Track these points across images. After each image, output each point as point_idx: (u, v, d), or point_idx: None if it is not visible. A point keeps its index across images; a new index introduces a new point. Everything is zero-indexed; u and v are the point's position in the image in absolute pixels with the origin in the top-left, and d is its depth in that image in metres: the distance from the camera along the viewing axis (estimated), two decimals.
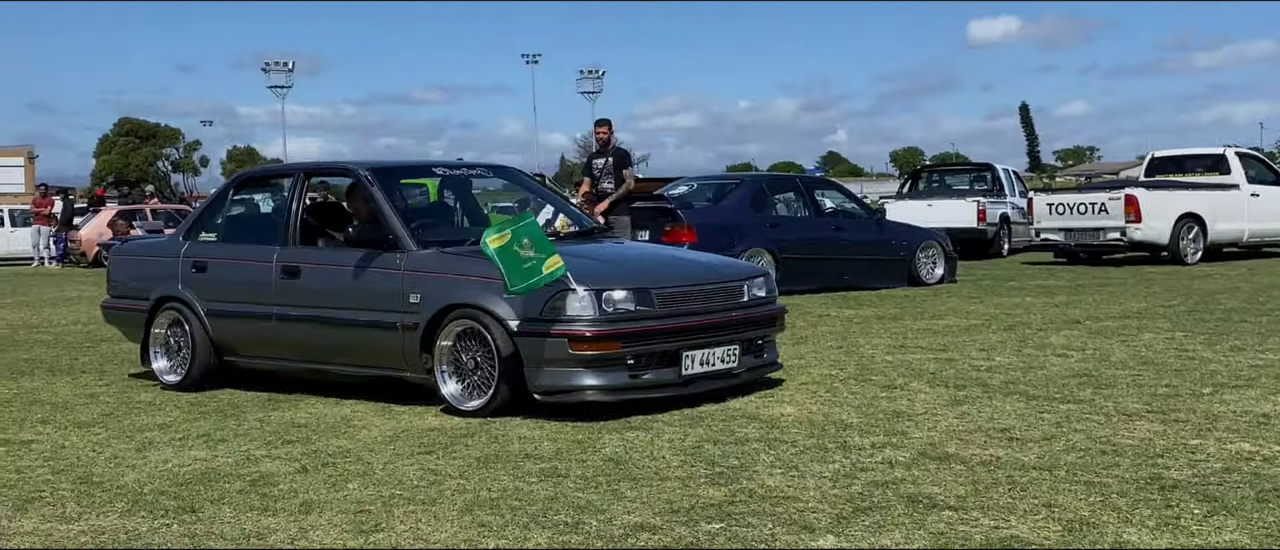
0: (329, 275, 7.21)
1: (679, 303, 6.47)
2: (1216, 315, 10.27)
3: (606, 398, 6.20)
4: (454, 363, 6.55)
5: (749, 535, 4.16)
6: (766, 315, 6.92)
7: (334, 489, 5.02)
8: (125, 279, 8.51)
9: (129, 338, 8.57)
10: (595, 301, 6.20)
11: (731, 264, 7.32)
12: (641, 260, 7.21)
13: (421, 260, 6.79)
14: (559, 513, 4.52)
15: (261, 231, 8.17)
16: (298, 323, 7.28)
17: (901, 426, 5.83)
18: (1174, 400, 6.31)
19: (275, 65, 77.72)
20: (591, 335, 6.14)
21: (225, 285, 7.71)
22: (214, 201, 8.59)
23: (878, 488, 4.71)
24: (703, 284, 6.69)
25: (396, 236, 6.94)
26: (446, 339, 6.53)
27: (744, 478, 4.95)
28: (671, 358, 6.36)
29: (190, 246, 8.04)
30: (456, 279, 6.60)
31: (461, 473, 5.22)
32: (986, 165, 23.00)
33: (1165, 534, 4.01)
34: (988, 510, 4.36)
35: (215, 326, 7.69)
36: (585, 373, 6.19)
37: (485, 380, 6.41)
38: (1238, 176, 18.42)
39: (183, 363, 7.81)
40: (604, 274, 6.45)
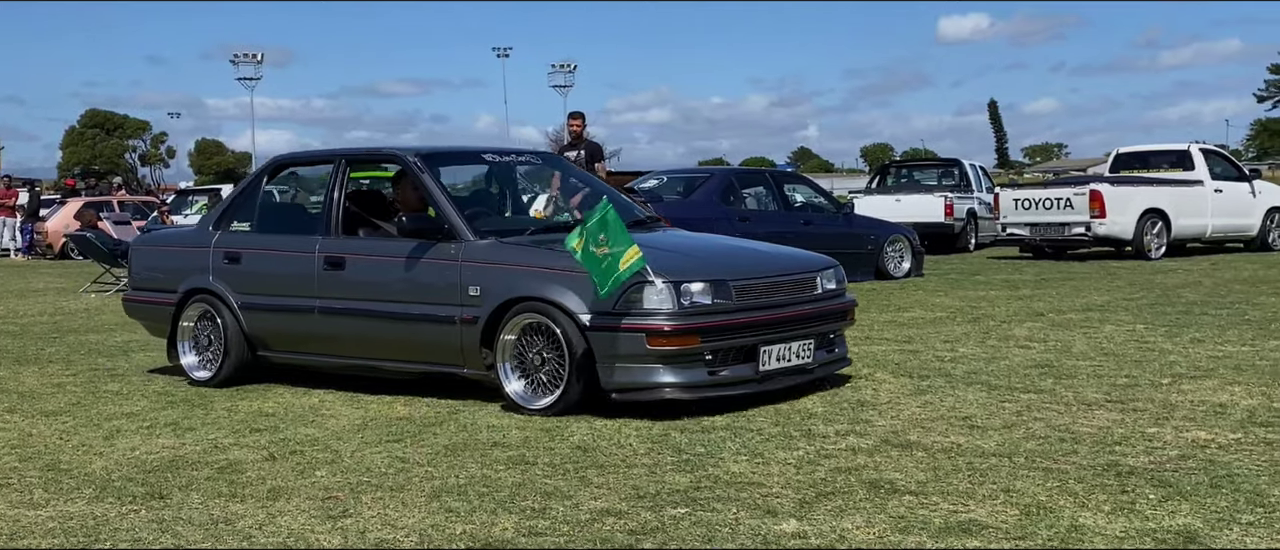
0: (378, 267, 6.88)
1: (756, 295, 6.20)
2: (1177, 308, 10.41)
3: (685, 396, 5.90)
4: (518, 359, 6.27)
5: (713, 520, 4.22)
6: (839, 309, 6.68)
7: (302, 476, 5.05)
8: (149, 271, 8.11)
9: (153, 332, 8.18)
10: (673, 294, 5.90)
11: (803, 255, 7.00)
12: (713, 250, 6.90)
13: (480, 251, 6.47)
14: (526, 499, 4.57)
15: (301, 221, 7.90)
16: (343, 317, 6.95)
17: (866, 415, 5.91)
18: (1133, 390, 6.41)
19: (244, 57, 77.26)
20: (670, 330, 5.83)
21: (262, 277, 7.35)
22: (246, 189, 7.98)
23: (841, 474, 4.78)
24: (778, 276, 6.43)
25: (452, 226, 6.61)
26: (510, 334, 6.24)
27: (710, 464, 5.01)
28: (749, 353, 6.09)
29: (222, 236, 7.65)
30: (520, 270, 6.29)
31: (429, 460, 5.26)
32: (954, 161, 23.15)
33: (1120, 518, 4.10)
34: (947, 495, 4.43)
35: (250, 320, 7.35)
36: (663, 369, 5.88)
37: (553, 377, 6.12)
38: (1201, 172, 18.61)
39: (214, 358, 7.48)
40: (680, 265, 6.13)
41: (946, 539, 3.92)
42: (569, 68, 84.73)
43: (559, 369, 6.08)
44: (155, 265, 8.09)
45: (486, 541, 4.06)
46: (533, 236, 6.67)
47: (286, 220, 8.18)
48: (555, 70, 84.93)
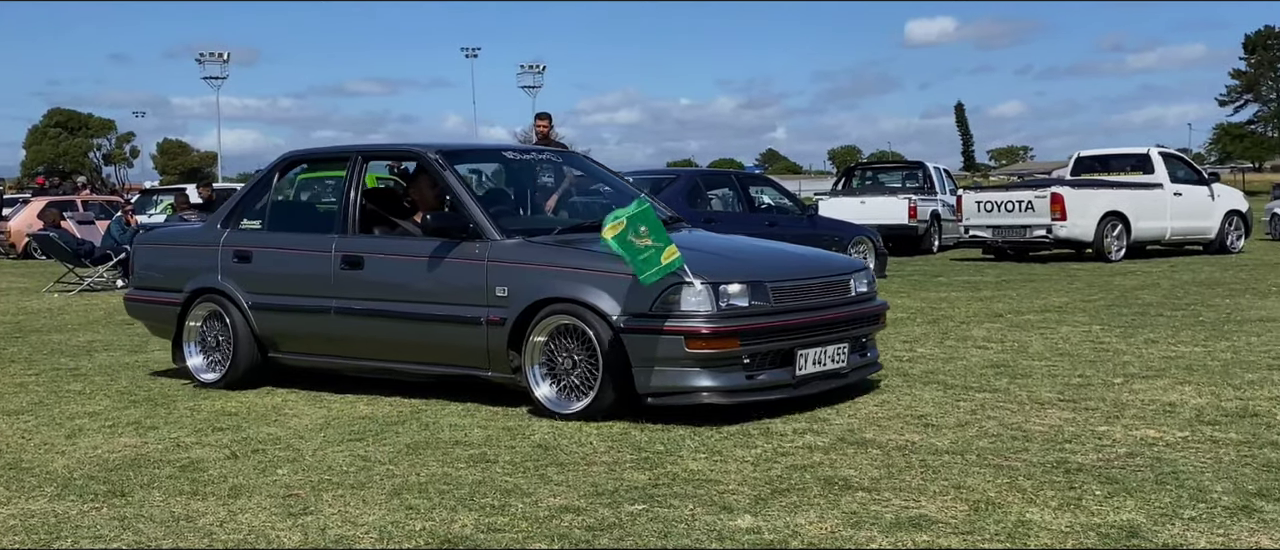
0: (398, 266, 6.70)
1: (792, 297, 6.05)
2: (1134, 309, 10.57)
3: (723, 400, 5.76)
4: (547, 362, 6.10)
5: (669, 516, 4.29)
6: (872, 312, 6.54)
7: (263, 474, 5.09)
8: (154, 269, 7.86)
9: (156, 333, 8.00)
10: (712, 296, 5.74)
11: (836, 258, 6.91)
12: (747, 251, 6.75)
13: (508, 250, 6.30)
14: (486, 496, 4.63)
15: (315, 219, 7.74)
16: (361, 317, 6.77)
17: (823, 414, 6.00)
18: (1086, 389, 6.53)
19: (210, 56, 76.91)
20: (709, 332, 5.67)
21: (274, 277, 7.16)
22: (257, 186, 7.73)
23: (796, 471, 4.87)
24: (814, 278, 6.28)
25: (477, 225, 6.43)
26: (539, 336, 6.07)
27: (669, 462, 5.08)
28: (786, 357, 5.94)
29: (231, 234, 7.44)
30: (551, 270, 6.11)
31: (391, 459, 5.31)
32: (918, 163, 23.36)
33: (1066, 513, 4.20)
34: (899, 491, 4.53)
35: (261, 321, 7.15)
36: (701, 373, 5.74)
37: (585, 380, 5.95)
38: (1161, 176, 18.85)
39: (222, 359, 7.30)
40: (717, 266, 5.97)
41: (896, 534, 4.01)
42: (538, 68, 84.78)
43: (591, 372, 5.92)
44: (160, 264, 7.85)
45: (446, 538, 4.11)
46: (560, 236, 6.53)
47: (300, 218, 7.95)
48: (524, 71, 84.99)
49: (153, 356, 8.92)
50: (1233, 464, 4.82)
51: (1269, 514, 4.13)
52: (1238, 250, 19.23)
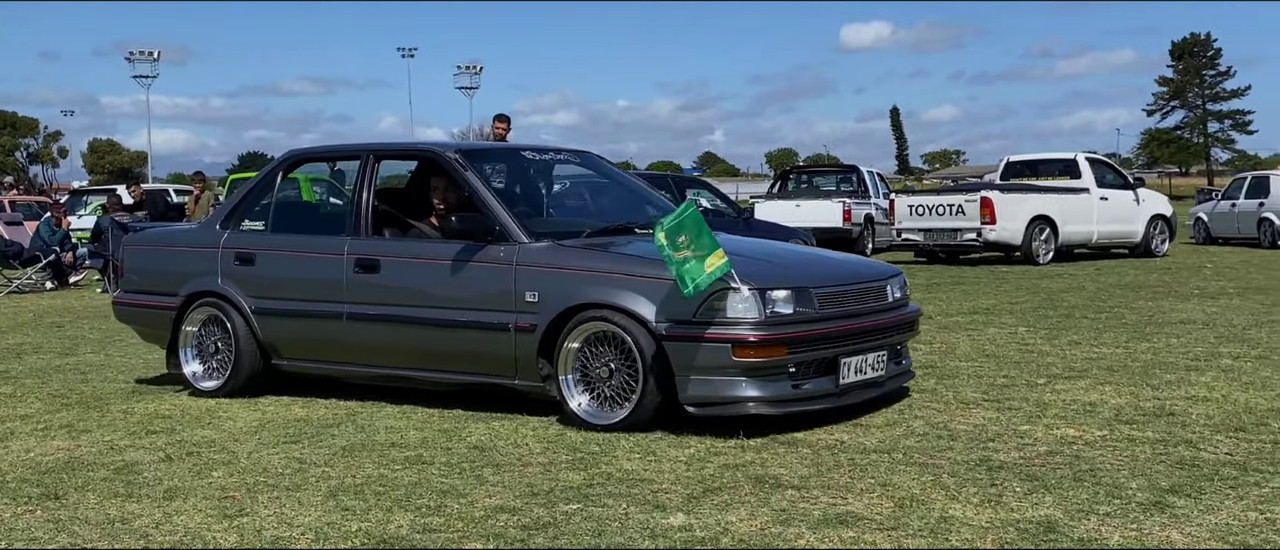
0: (418, 270, 6.43)
1: (836, 304, 5.88)
2: (1059, 312, 10.82)
3: (770, 411, 5.57)
4: (581, 370, 5.87)
5: (603, 515, 4.38)
6: (908, 319, 6.40)
7: (198, 476, 5.10)
8: (146, 271, 7.49)
9: (146, 338, 7.71)
10: (759, 302, 5.55)
11: (872, 263, 6.73)
12: (789, 256, 6.61)
13: (538, 254, 6.05)
14: (422, 497, 4.68)
15: (324, 220, 7.42)
16: (376, 323, 6.49)
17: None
18: (1010, 390, 6.70)
19: (140, 55, 75.88)
20: (756, 340, 5.48)
21: (280, 280, 6.87)
22: (259, 186, 7.37)
23: (728, 470, 4.97)
24: (854, 284, 6.11)
25: (503, 227, 6.18)
26: (573, 342, 5.85)
27: (603, 463, 5.16)
28: (830, 365, 5.77)
29: (231, 236, 7.15)
30: (585, 275, 5.88)
31: (326, 461, 5.34)
32: (852, 167, 23.66)
33: (987, 509, 4.34)
34: (827, 489, 4.64)
35: (265, 326, 6.87)
36: (747, 382, 5.53)
37: (621, 390, 5.74)
38: (1088, 181, 19.25)
39: (222, 366, 7.03)
40: (763, 272, 5.78)
41: (823, 530, 4.12)
42: (475, 69, 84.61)
43: (629, 381, 5.71)
44: (153, 266, 7.49)
45: (382, 539, 4.17)
46: (589, 239, 6.31)
47: (307, 219, 7.63)
48: (461, 71, 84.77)
49: (84, 359, 8.86)
50: (1148, 461, 5.00)
51: (1181, 509, 4.29)
52: (1162, 254, 19.68)
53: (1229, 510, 4.26)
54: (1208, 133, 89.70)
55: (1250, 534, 3.99)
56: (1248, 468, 4.85)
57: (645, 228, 6.44)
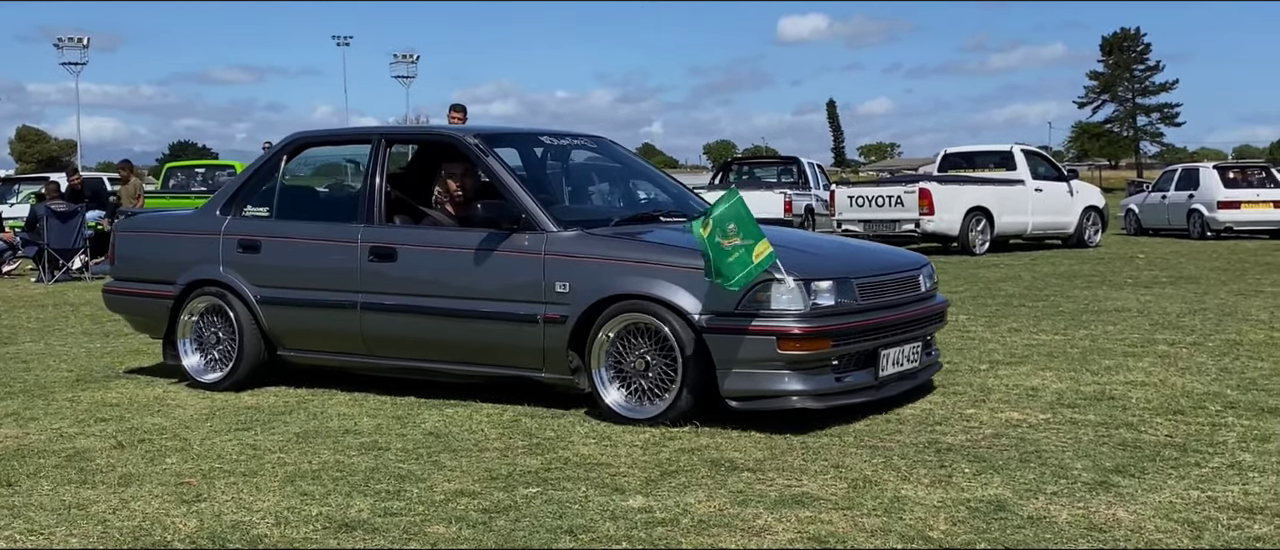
0: (438, 259, 6.21)
1: (875, 295, 5.75)
2: (998, 300, 11.01)
3: (815, 405, 5.43)
4: (614, 363, 5.71)
5: (563, 497, 4.42)
6: (939, 310, 6.30)
7: (152, 463, 5.08)
8: (140, 259, 7.23)
9: (139, 328, 7.45)
10: (804, 293, 5.41)
11: (902, 253, 6.59)
12: (825, 246, 6.49)
13: (567, 243, 5.85)
14: (380, 482, 4.70)
15: (334, 206, 7.09)
16: (393, 314, 6.27)
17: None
18: (954, 375, 6.83)
19: (69, 41, 74.54)
20: (801, 333, 5.33)
21: (288, 269, 6.64)
22: (261, 171, 7.06)
23: (684, 454, 5.04)
24: (890, 274, 5.98)
25: (529, 215, 5.98)
26: (610, 332, 5.67)
27: (560, 447, 5.21)
28: (870, 358, 5.66)
29: (233, 222, 6.89)
30: (619, 265, 5.69)
31: (281, 447, 5.33)
32: (793, 159, 23.85)
33: (938, 489, 4.44)
34: (782, 471, 4.73)
35: (270, 316, 6.65)
36: (791, 376, 5.39)
37: (657, 383, 5.59)
38: (1023, 172, 19.57)
39: (223, 357, 6.79)
40: (805, 263, 5.62)
41: (780, 510, 4.20)
42: (412, 58, 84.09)
43: (666, 374, 5.56)
44: (148, 254, 7.22)
45: (343, 522, 4.18)
46: (619, 227, 6.13)
47: (316, 205, 7.26)
48: (398, 60, 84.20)
49: (24, 348, 8.74)
50: (1091, 443, 5.13)
51: (1125, 488, 4.42)
52: (1095, 244, 20.05)
53: (1171, 489, 4.40)
54: (1137, 126, 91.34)
55: (1193, 511, 4.12)
56: (1187, 449, 5.00)
57: (670, 215, 6.45)
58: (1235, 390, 6.28)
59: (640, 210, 6.59)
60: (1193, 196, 22.64)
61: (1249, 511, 4.12)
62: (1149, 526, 3.97)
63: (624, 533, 4.00)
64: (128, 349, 8.61)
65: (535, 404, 6.09)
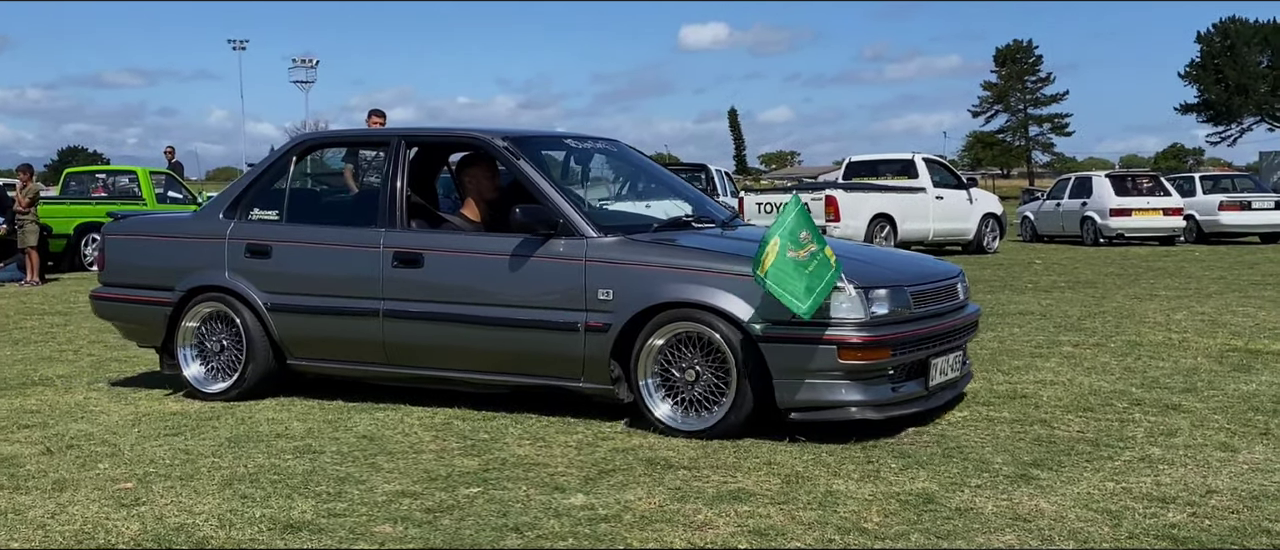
0: (467, 265, 6.00)
1: (925, 304, 5.64)
2: None
3: (874, 415, 5.31)
4: (661, 373, 5.57)
5: (505, 497, 4.50)
6: (975, 318, 6.21)
7: (84, 469, 5.03)
8: (134, 264, 6.94)
9: (130, 335, 7.13)
10: (864, 302, 5.29)
11: (938, 262, 6.49)
12: (871, 253, 6.41)
13: (609, 249, 5.67)
14: (320, 484, 4.73)
15: (351, 210, 6.78)
16: (418, 322, 6.06)
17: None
18: None
19: None
20: (860, 342, 5.21)
21: (301, 275, 6.39)
22: (269, 172, 6.80)
23: (619, 453, 5.14)
24: (935, 282, 5.86)
25: (567, 220, 5.80)
26: (657, 340, 5.53)
27: (496, 449, 5.28)
28: (921, 367, 5.57)
29: (239, 226, 6.62)
30: (666, 271, 5.52)
31: (214, 452, 5.32)
32: (701, 166, 24.04)
33: (868, 484, 4.61)
34: (717, 469, 4.85)
35: (281, 323, 6.41)
36: (849, 386, 5.27)
37: (708, 394, 5.45)
38: (924, 180, 20.06)
39: (229, 366, 6.55)
40: (861, 270, 5.49)
41: (719, 505, 4.33)
42: (310, 63, 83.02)
43: (718, 385, 5.43)
44: (142, 259, 6.93)
45: (288, 523, 4.20)
46: (658, 233, 5.99)
47: (330, 209, 6.97)
48: (297, 65, 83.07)
49: None
50: (1009, 439, 5.35)
51: (1044, 481, 4.63)
52: (993, 250, 20.60)
53: (1088, 481, 4.62)
54: (1029, 136, 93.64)
55: (1110, 501, 4.34)
56: (1099, 443, 5.24)
57: (701, 220, 6.40)
58: (1140, 388, 6.57)
59: (673, 215, 6.49)
60: (1086, 204, 23.36)
61: (1162, 501, 4.34)
62: (1070, 516, 4.17)
63: (568, 529, 4.09)
64: (39, 356, 8.47)
65: (465, 407, 6.14)
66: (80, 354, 8.57)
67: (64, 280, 16.18)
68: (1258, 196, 24.38)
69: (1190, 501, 4.33)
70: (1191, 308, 10.84)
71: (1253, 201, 23.95)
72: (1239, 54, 70.76)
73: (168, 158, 22.22)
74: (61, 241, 17.30)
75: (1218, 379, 6.85)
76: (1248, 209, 23.75)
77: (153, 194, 18.91)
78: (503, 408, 6.09)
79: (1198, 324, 9.53)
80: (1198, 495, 4.41)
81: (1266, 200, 24.21)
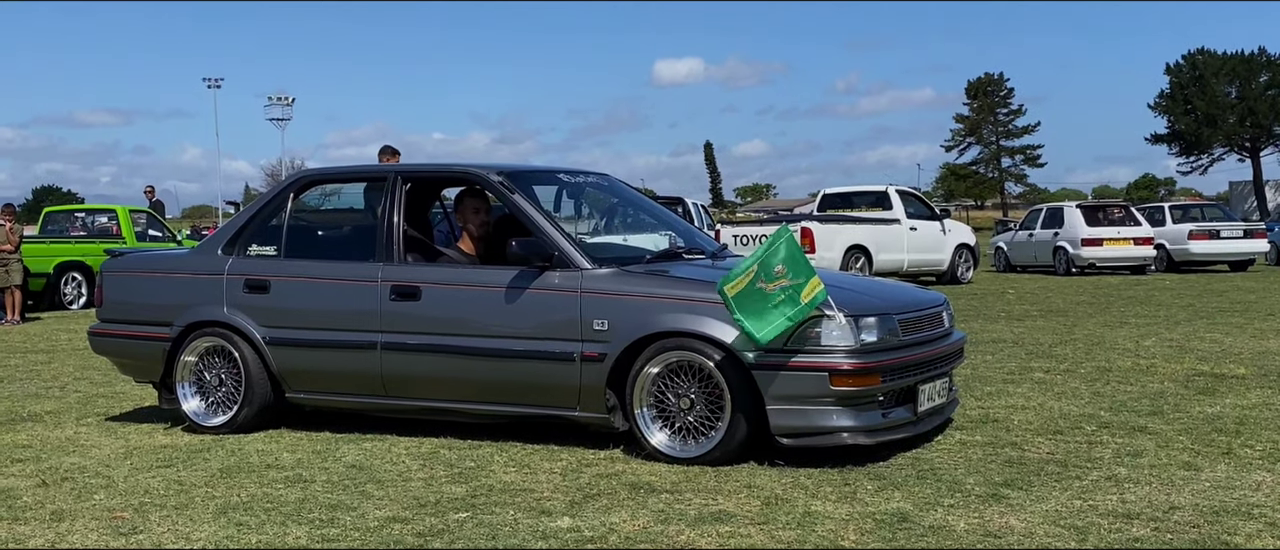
0: (464, 298, 6.11)
1: (913, 332, 5.78)
2: None
3: (866, 440, 5.45)
4: (656, 403, 5.68)
5: (494, 521, 4.63)
6: (960, 346, 6.35)
7: (80, 500, 5.14)
8: (131, 300, 7.01)
9: (127, 371, 7.20)
10: (854, 329, 5.43)
11: (923, 291, 6.58)
12: (857, 282, 6.54)
13: (604, 281, 5.80)
14: (312, 512, 4.85)
15: (348, 245, 6.85)
16: (417, 354, 6.16)
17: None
18: None
19: None
20: (851, 369, 5.34)
21: (299, 310, 6.50)
22: (266, 209, 6.92)
23: (603, 478, 5.29)
24: (921, 310, 6.00)
25: (562, 253, 5.92)
26: (650, 372, 5.64)
27: (482, 475, 5.41)
28: (909, 393, 5.71)
29: (237, 262, 6.72)
30: (660, 302, 5.64)
31: (207, 482, 5.44)
32: (677, 199, 24.19)
33: (845, 505, 4.77)
34: (699, 492, 5.01)
35: (280, 357, 6.51)
36: (840, 412, 5.40)
37: (701, 421, 5.57)
38: (898, 212, 20.30)
39: (227, 401, 6.66)
40: (849, 298, 5.61)
41: (702, 527, 4.48)
42: (287, 101, 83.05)
43: (711, 413, 5.56)
44: (140, 296, 7.00)
45: (283, 548, 4.33)
46: (651, 264, 6.13)
47: (327, 245, 7.02)
48: (272, 103, 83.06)
49: None
50: (980, 461, 5.52)
51: (1015, 500, 4.80)
52: (967, 280, 20.85)
53: (1057, 499, 4.79)
54: (1002, 167, 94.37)
55: (1077, 518, 4.51)
56: (1068, 465, 5.41)
57: (691, 252, 6.53)
58: (1108, 412, 6.76)
59: (663, 247, 6.63)
60: (1058, 235, 23.67)
61: (1127, 517, 4.52)
62: (1039, 532, 4.34)
63: None
64: (25, 393, 8.55)
65: (451, 436, 6.28)
66: (66, 390, 8.65)
67: (45, 319, 16.22)
68: (1226, 226, 24.79)
69: (1154, 517, 4.50)
70: (1160, 334, 11.07)
71: (1222, 231, 24.34)
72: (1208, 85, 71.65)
73: (148, 197, 22.28)
74: (41, 280, 17.33)
75: (1183, 402, 7.05)
76: (1217, 238, 24.13)
77: (132, 232, 18.97)
78: (488, 436, 6.23)
79: (1166, 350, 9.75)
80: (1161, 511, 4.59)
81: (1235, 229, 24.61)
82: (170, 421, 6.97)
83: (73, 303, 17.86)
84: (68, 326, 14.69)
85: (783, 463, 5.49)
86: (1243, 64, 72.33)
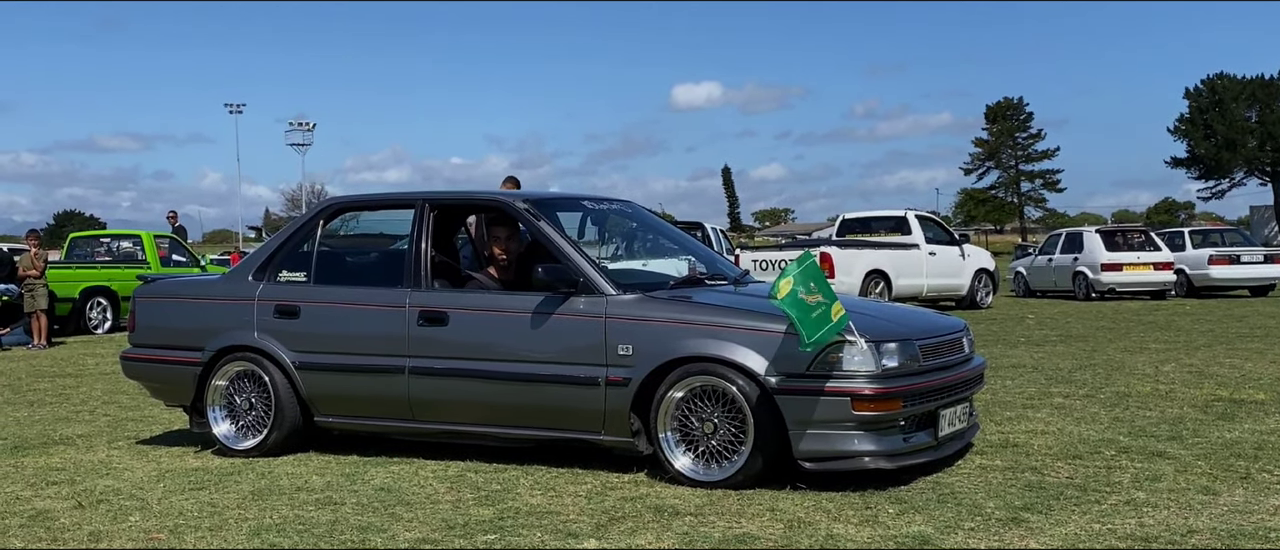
0: (492, 323, 6.21)
1: (934, 357, 5.86)
2: None
3: (887, 465, 5.52)
4: (680, 427, 5.77)
5: (521, 543, 4.73)
6: (981, 371, 6.40)
7: (116, 522, 5.26)
8: (163, 325, 7.15)
9: (158, 395, 7.33)
10: (876, 355, 5.51)
11: (943, 317, 6.60)
12: (879, 307, 6.63)
13: (628, 306, 5.89)
14: (344, 533, 4.95)
15: (377, 271, 6.95)
16: (444, 379, 6.26)
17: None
18: None
19: None
20: (873, 393, 5.42)
21: (328, 335, 6.61)
22: (296, 236, 7.02)
23: (628, 502, 5.37)
24: (942, 336, 6.08)
25: (587, 279, 6.02)
26: (676, 393, 5.72)
27: (509, 498, 5.51)
28: (930, 418, 5.78)
29: (268, 288, 6.85)
30: (683, 327, 5.74)
31: (239, 505, 5.54)
32: (696, 224, 24.39)
33: (867, 528, 4.84)
34: (722, 515, 5.09)
35: (309, 382, 6.62)
36: (862, 436, 5.48)
37: (725, 445, 5.64)
38: (917, 237, 20.36)
39: (257, 424, 6.76)
40: (871, 324, 5.71)
41: (726, 549, 4.56)
42: (308, 126, 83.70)
43: (734, 437, 5.63)
44: (171, 321, 7.13)
45: None
46: (675, 290, 6.21)
47: (357, 271, 7.12)
48: (293, 127, 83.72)
49: None
50: (1000, 485, 5.58)
51: (1035, 524, 4.86)
52: (986, 305, 20.87)
53: (1076, 523, 4.85)
54: (1021, 192, 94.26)
55: (1096, 542, 4.58)
56: (1087, 489, 5.48)
57: (714, 278, 6.63)
58: (1127, 436, 6.82)
59: (685, 273, 6.71)
60: (1077, 259, 23.68)
61: (1145, 540, 4.58)
62: None
63: None
64: (56, 417, 8.68)
65: (477, 460, 6.37)
66: (96, 414, 8.79)
67: (70, 343, 16.40)
68: (1246, 250, 24.76)
69: (1171, 541, 4.57)
70: (1180, 360, 11.10)
71: (1242, 255, 24.31)
72: (1227, 109, 71.54)
73: (170, 222, 22.50)
74: (67, 305, 17.53)
75: (1202, 427, 7.10)
76: (1237, 263, 24.08)
77: (156, 258, 19.16)
78: (514, 460, 6.32)
79: (1185, 375, 9.79)
80: (1179, 534, 4.65)
81: (1255, 254, 24.58)
82: (200, 444, 7.09)
83: (98, 327, 18.05)
84: (94, 350, 14.86)
85: (805, 486, 5.57)
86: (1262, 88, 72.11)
